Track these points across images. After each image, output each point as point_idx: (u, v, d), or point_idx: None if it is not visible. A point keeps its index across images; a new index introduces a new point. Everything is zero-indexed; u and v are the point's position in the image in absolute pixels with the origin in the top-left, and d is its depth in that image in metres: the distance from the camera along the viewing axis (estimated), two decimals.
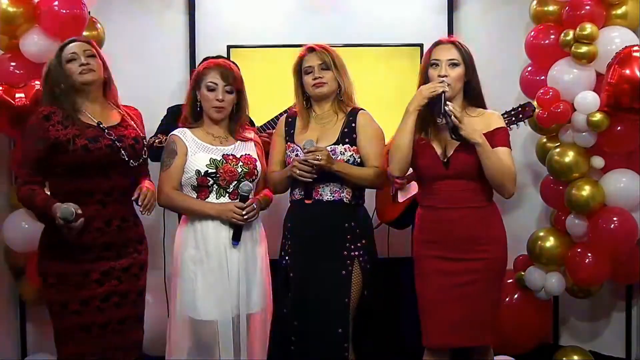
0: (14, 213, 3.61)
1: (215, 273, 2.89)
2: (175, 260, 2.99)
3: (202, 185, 2.91)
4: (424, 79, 2.86)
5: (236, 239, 2.89)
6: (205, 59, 3.30)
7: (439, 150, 2.83)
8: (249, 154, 2.98)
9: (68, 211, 2.61)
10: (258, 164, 3.00)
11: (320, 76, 3.00)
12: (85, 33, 3.49)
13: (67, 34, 3.41)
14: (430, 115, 2.83)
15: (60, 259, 2.76)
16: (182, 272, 2.92)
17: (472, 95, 2.87)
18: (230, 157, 2.94)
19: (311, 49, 3.04)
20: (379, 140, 3.02)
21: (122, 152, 2.80)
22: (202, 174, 2.90)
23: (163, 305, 3.34)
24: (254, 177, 2.97)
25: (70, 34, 3.41)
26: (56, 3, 3.34)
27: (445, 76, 2.78)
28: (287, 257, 3.05)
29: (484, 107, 2.90)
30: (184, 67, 4.03)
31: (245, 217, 2.88)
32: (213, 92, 2.94)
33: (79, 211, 2.62)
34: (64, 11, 3.35)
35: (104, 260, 2.79)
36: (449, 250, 2.82)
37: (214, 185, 2.91)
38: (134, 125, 2.92)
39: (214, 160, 2.91)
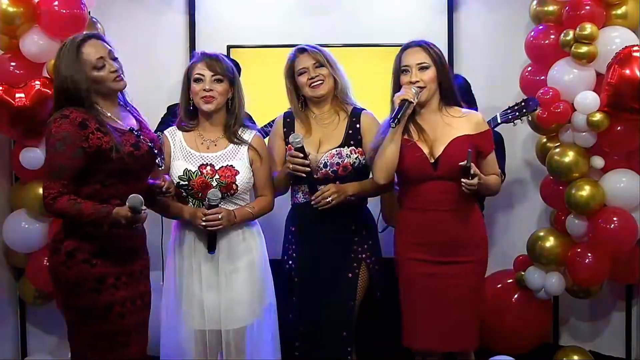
0: (14, 213, 3.61)
1: (191, 285, 2.84)
2: (166, 267, 2.96)
3: (179, 195, 2.87)
4: (396, 85, 2.85)
5: (210, 248, 2.82)
6: None
7: (425, 151, 2.80)
8: (231, 166, 2.85)
9: (138, 200, 2.46)
10: (239, 177, 2.85)
11: (315, 75, 2.92)
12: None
13: (67, 34, 3.40)
14: (411, 116, 2.81)
15: (94, 264, 2.61)
16: (171, 281, 2.90)
17: (447, 95, 2.86)
18: (208, 167, 2.84)
19: (302, 50, 2.96)
20: None
21: (158, 156, 2.75)
22: (176, 184, 2.83)
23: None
24: (232, 192, 2.85)
25: (70, 33, 3.41)
26: (56, 3, 3.34)
27: (417, 81, 2.78)
28: (291, 262, 3.01)
29: (459, 105, 2.90)
30: (184, 67, 3.97)
31: (204, 224, 2.75)
32: (200, 83, 2.85)
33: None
34: (64, 11, 3.35)
35: (127, 263, 2.70)
36: (434, 253, 2.80)
37: (188, 197, 2.86)
38: (149, 126, 2.86)
39: (188, 171, 2.83)
